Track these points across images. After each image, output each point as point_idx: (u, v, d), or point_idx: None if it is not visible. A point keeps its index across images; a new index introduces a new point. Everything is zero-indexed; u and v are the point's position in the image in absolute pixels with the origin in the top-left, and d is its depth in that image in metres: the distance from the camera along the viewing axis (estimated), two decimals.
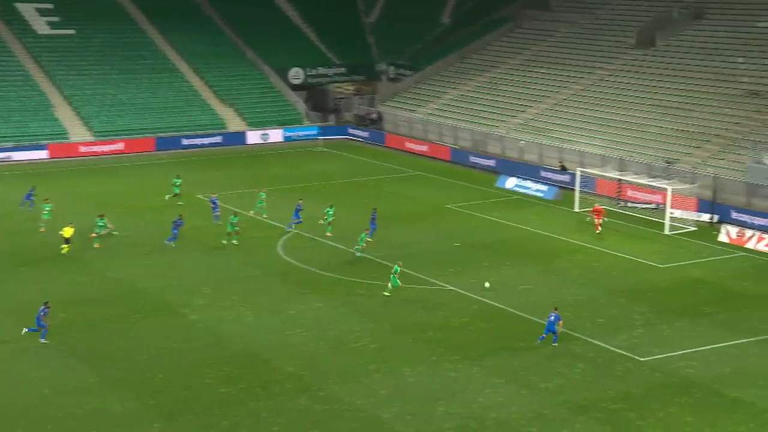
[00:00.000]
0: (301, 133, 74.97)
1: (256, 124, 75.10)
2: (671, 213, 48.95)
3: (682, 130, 58.99)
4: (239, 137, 73.15)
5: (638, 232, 47.69)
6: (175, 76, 76.80)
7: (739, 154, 54.28)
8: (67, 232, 42.92)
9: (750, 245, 45.29)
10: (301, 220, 47.84)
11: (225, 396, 29.19)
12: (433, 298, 38.10)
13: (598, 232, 46.87)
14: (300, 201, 48.89)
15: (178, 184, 53.64)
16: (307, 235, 47.30)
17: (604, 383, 30.00)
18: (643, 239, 46.87)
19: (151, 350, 32.62)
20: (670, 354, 32.28)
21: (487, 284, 38.36)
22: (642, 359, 31.83)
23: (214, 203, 49.22)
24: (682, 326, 34.90)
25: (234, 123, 74.98)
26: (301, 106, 78.73)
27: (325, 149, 71.44)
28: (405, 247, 45.15)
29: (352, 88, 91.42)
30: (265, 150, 71.10)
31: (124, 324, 35.01)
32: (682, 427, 27.22)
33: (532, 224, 49.46)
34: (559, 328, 33.06)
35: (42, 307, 33.20)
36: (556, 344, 32.92)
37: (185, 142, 70.97)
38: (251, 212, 50.23)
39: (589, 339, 33.62)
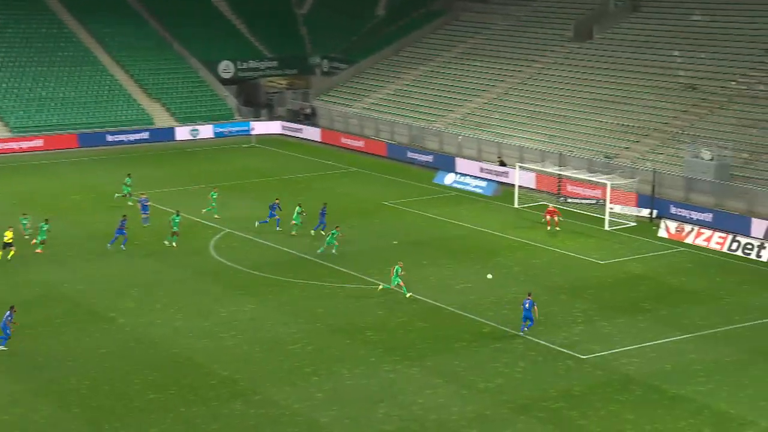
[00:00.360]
0: (232, 129, 74.42)
1: (184, 120, 74.33)
2: (611, 208, 49.73)
3: (621, 125, 59.99)
4: (167, 133, 72.32)
5: (579, 228, 48.35)
6: (98, 70, 75.57)
7: (677, 148, 55.39)
8: (8, 235, 41.74)
9: (689, 240, 46.24)
10: (274, 217, 47.17)
11: (155, 402, 28.83)
12: (370, 297, 38.12)
13: (557, 229, 47.40)
14: (277, 200, 48.23)
15: (128, 183, 52.55)
16: (239, 234, 46.96)
17: (545, 382, 30.34)
18: (583, 235, 47.54)
19: (77, 356, 32.06)
20: (611, 351, 32.78)
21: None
22: (583, 357, 32.27)
23: (143, 205, 47.98)
24: (623, 323, 35.48)
25: (161, 118, 74.08)
26: (231, 100, 78.13)
27: (257, 145, 71.01)
28: (342, 245, 45.08)
29: (284, 82, 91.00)
30: (194, 146, 70.40)
31: (48, 329, 34.36)
32: (623, 424, 27.67)
33: (471, 221, 49.80)
34: (535, 313, 33.77)
35: (7, 312, 32.48)
36: (525, 330, 33.63)
37: (110, 138, 69.96)
38: (203, 211, 49.51)
39: (530, 337, 33.98)
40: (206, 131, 73.49)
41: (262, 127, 74.93)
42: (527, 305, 33.75)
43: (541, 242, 45.98)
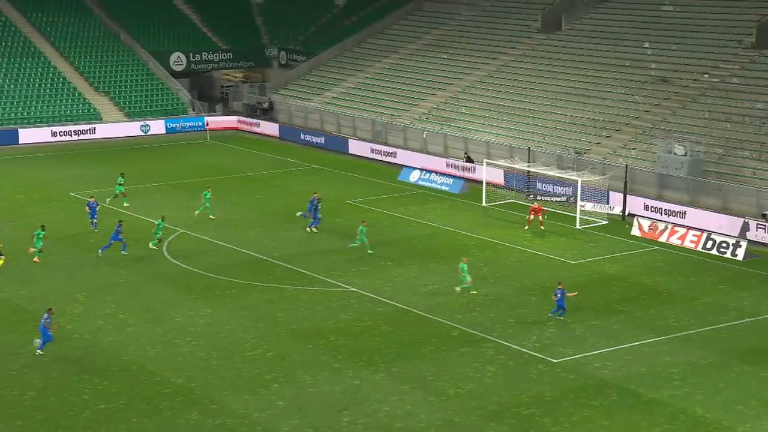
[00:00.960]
0: (185, 124, 73.95)
1: (134, 115, 73.76)
2: (582, 206, 50.05)
3: (591, 119, 60.42)
4: (116, 129, 71.67)
5: (549, 227, 48.60)
6: (41, 62, 74.68)
7: (649, 143, 55.88)
8: None
9: (662, 239, 46.66)
10: (308, 216, 47.11)
11: (104, 413, 28.51)
12: (333, 300, 38.04)
13: (542, 228, 47.64)
14: (315, 195, 48.21)
15: (121, 182, 51.71)
16: (194, 235, 46.65)
17: (516, 387, 30.44)
18: (554, 234, 47.80)
19: (20, 365, 31.61)
20: (584, 354, 32.97)
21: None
22: (555, 360, 32.42)
23: (92, 209, 46.74)
24: (596, 325, 35.70)
25: (110, 113, 73.44)
26: (184, 94, 77.63)
27: (212, 141, 70.60)
28: (302, 246, 44.94)
29: (240, 75, 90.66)
30: (146, 143, 69.90)
31: None
32: (597, 430, 27.82)
33: (437, 220, 49.88)
34: (568, 299, 35.80)
35: (45, 315, 32.48)
36: (562, 318, 35.59)
37: (55, 134, 69.15)
38: (196, 212, 48.64)
39: (500, 340, 34.09)
40: (157, 127, 72.99)
41: (217, 123, 74.51)
42: (558, 295, 35.40)
43: (510, 242, 46.16)
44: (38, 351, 32.47)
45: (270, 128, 73.13)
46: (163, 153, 66.82)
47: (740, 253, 44.22)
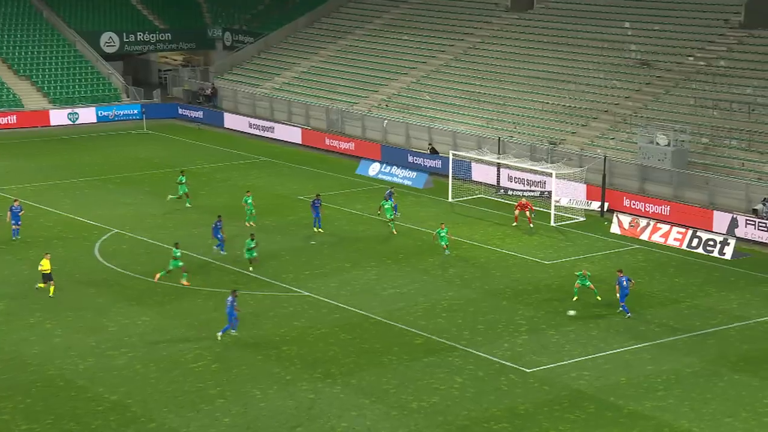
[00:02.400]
0: (118, 113, 73.50)
1: (61, 102, 73.15)
2: (557, 201, 50.43)
3: (567, 106, 60.87)
4: (40, 118, 71.04)
5: (521, 224, 48.88)
6: None
7: (630, 132, 56.40)
8: (45, 264, 38.20)
9: (644, 236, 47.13)
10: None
11: None
12: (285, 306, 38.02)
13: (531, 226, 47.92)
14: (391, 188, 49.54)
15: (183, 182, 50.83)
16: (129, 235, 46.40)
17: (486, 400, 30.62)
18: (526, 232, 48.09)
19: None
20: (559, 363, 33.23)
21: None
22: (528, 370, 32.66)
23: (14, 214, 45.42)
24: (572, 331, 36.00)
25: (32, 100, 72.76)
26: (117, 79, 77.07)
27: (149, 131, 70.17)
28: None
29: (180, 58, 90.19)
30: (74, 133, 69.37)
31: None
32: None
33: (399, 217, 49.99)
34: (632, 285, 37.18)
35: (230, 297, 34.61)
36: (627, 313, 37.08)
37: None
38: (247, 223, 47.13)
39: (467, 348, 34.26)
40: (87, 115, 72.45)
41: (154, 111, 74.05)
42: (624, 282, 36.83)
43: (479, 241, 46.40)
44: (219, 334, 34.56)
45: (213, 117, 72.81)
46: (94, 145, 66.31)
47: (728, 251, 44.80)
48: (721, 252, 44.83)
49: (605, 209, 51.09)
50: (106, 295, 38.94)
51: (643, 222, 47.67)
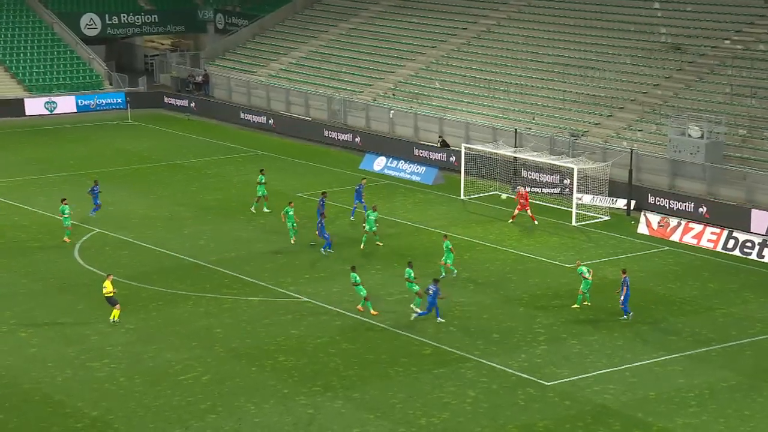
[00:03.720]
0: (101, 102, 73.62)
1: (37, 90, 73.30)
2: (579, 199, 50.39)
3: (590, 95, 60.83)
4: (15, 107, 71.24)
5: (540, 224, 48.87)
6: None
7: (659, 124, 56.34)
8: (108, 287, 36.87)
9: (675, 237, 47.08)
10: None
11: None
12: (282, 313, 38.03)
13: (535, 223, 48.00)
14: (363, 180, 49.55)
15: (263, 182, 50.27)
16: (113, 235, 46.45)
17: (501, 415, 30.60)
18: (545, 232, 48.07)
19: None
20: (581, 376, 33.18)
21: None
22: (547, 383, 32.63)
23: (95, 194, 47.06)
24: (596, 340, 35.96)
25: (6, 87, 72.96)
26: (99, 65, 77.18)
27: (134, 122, 70.25)
28: (244, 248, 44.85)
29: (168, 42, 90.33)
30: (51, 124, 69.48)
31: None
32: None
33: (406, 216, 49.99)
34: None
35: (433, 287, 36.35)
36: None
37: None
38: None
39: (481, 359, 34.25)
40: (66, 104, 72.59)
41: (139, 100, 74.13)
42: (627, 284, 37.46)
43: (494, 242, 46.38)
44: (416, 315, 36.69)
45: (205, 107, 72.86)
46: (74, 136, 66.42)
47: None
48: (760, 254, 44.78)
49: (632, 207, 51.06)
50: (86, 301, 38.94)
51: (673, 221, 47.63)
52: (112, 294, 36.82)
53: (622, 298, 37.59)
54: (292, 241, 45.40)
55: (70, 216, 44.68)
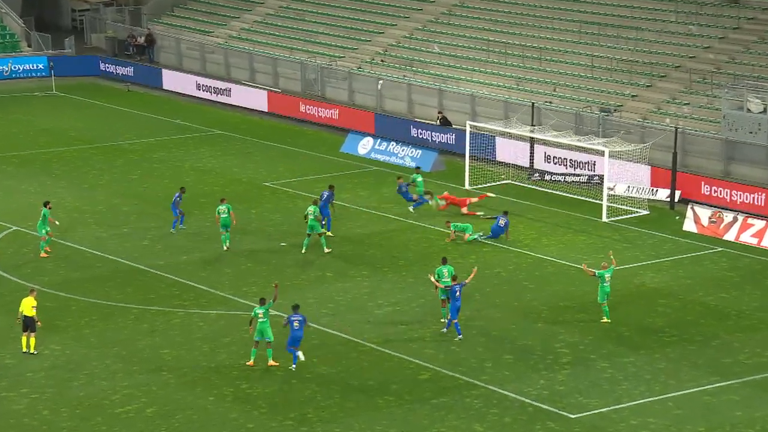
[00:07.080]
0: (18, 67, 73.56)
1: None
2: (611, 189, 50.49)
3: (625, 60, 60.86)
4: None
5: (562, 220, 48.98)
6: None
7: (711, 96, 56.40)
8: (28, 305, 35.98)
9: (730, 236, 47.19)
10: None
11: None
12: (245, 329, 37.95)
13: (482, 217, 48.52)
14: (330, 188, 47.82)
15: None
16: (34, 234, 46.42)
17: None
18: (569, 230, 48.19)
19: None
20: (614, 407, 33.24)
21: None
22: (572, 416, 32.73)
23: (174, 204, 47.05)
24: (631, 363, 36.05)
25: None
26: (14, 22, 77.05)
27: (60, 93, 70.19)
28: (198, 250, 44.88)
29: None
30: None
31: None
32: None
33: (398, 210, 50.04)
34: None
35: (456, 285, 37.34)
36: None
37: None
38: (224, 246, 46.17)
39: (490, 386, 34.33)
40: None
41: (66, 66, 74.02)
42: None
43: (506, 242, 46.46)
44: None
45: (149, 75, 72.79)
46: None
47: None
48: None
49: (677, 199, 51.19)
50: (1, 315, 38.91)
51: (728, 217, 47.75)
52: (33, 315, 36.04)
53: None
54: (225, 248, 45.22)
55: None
